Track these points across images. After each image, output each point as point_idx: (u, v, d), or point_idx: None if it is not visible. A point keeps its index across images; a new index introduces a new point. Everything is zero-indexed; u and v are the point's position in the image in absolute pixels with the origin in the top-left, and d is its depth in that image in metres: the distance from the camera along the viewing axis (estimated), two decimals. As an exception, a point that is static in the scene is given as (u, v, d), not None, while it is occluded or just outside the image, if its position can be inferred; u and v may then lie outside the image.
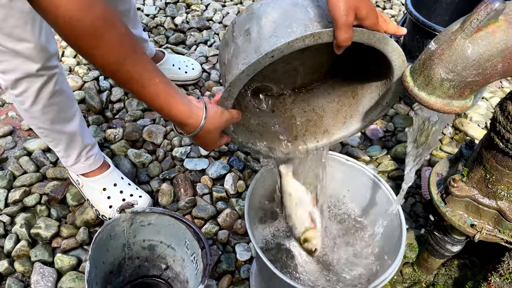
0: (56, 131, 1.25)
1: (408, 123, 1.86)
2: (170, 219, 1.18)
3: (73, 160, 1.34)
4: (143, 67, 0.73)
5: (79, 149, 1.33)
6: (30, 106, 1.17)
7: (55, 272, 1.29)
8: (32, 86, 1.13)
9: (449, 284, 1.35)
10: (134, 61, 0.70)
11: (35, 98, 1.15)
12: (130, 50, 0.70)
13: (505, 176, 0.94)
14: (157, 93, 0.76)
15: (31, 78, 1.10)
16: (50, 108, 1.20)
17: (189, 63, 1.90)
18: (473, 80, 0.64)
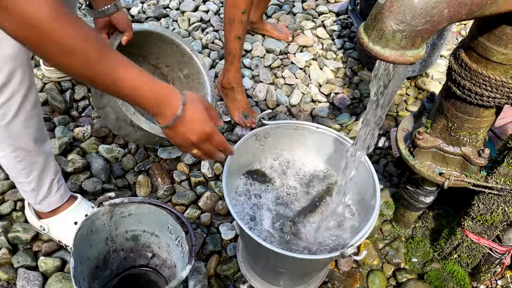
0: (34, 151, 1.13)
1: (373, 88, 1.91)
2: (150, 207, 1.18)
3: (45, 192, 1.22)
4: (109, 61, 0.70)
5: (52, 175, 1.21)
6: (12, 119, 1.02)
7: (40, 275, 1.27)
8: (16, 94, 0.99)
9: (426, 235, 1.41)
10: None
11: (18, 108, 1.01)
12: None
13: (466, 122, 0.99)
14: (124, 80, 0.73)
15: (17, 77, 0.96)
16: (32, 121, 1.07)
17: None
18: (422, 28, 0.66)
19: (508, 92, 0.87)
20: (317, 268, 1.19)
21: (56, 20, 0.62)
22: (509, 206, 1.07)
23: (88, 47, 0.67)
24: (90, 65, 0.68)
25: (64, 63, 0.67)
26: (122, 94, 0.75)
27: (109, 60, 0.71)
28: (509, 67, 0.84)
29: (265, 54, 2.03)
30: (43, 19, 0.61)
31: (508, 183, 1.02)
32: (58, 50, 0.65)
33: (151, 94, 0.77)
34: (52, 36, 0.63)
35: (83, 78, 0.70)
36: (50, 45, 0.64)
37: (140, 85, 0.75)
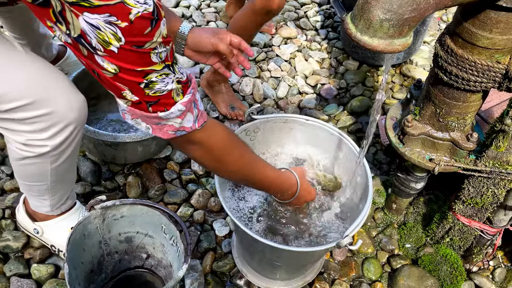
0: (68, 178, 1.13)
1: (360, 77, 1.91)
2: (143, 208, 1.16)
3: (64, 200, 1.20)
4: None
5: (70, 190, 1.20)
6: (64, 162, 1.02)
7: (34, 283, 1.25)
8: (75, 138, 0.99)
9: (418, 221, 1.43)
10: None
11: (73, 150, 1.01)
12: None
13: (454, 108, 0.99)
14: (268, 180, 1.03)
15: (78, 128, 0.98)
16: (76, 155, 1.07)
17: None
18: (409, 16, 0.66)
19: (494, 76, 0.88)
20: (312, 260, 1.20)
21: (229, 152, 0.91)
22: (499, 188, 1.09)
23: (246, 166, 0.97)
24: (245, 176, 0.98)
25: (232, 170, 0.95)
26: (259, 188, 1.09)
27: (256, 170, 0.99)
28: (494, 52, 0.85)
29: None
30: (227, 144, 0.91)
31: (497, 166, 1.04)
32: (234, 165, 0.94)
33: (278, 187, 1.07)
34: (225, 163, 0.92)
35: (238, 178, 1.02)
36: (230, 164, 0.93)
37: (272, 183, 1.05)
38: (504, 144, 0.97)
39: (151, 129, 0.79)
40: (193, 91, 0.78)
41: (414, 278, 1.28)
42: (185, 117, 0.78)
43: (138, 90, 0.71)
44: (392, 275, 1.34)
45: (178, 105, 0.75)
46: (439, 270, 1.31)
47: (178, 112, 0.76)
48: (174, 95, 0.74)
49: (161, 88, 0.71)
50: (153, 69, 0.68)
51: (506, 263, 1.40)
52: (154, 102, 0.73)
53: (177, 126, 0.79)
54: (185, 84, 0.76)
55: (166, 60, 0.70)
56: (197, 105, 0.80)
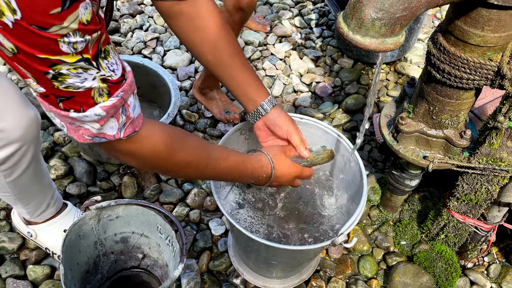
0: (38, 189, 1.12)
1: (354, 75, 1.92)
2: (138, 208, 1.16)
3: (41, 211, 1.20)
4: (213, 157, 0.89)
5: (51, 196, 1.19)
6: (19, 177, 1.00)
7: (30, 284, 1.25)
8: (25, 156, 0.96)
9: (413, 218, 1.43)
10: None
11: (27, 166, 0.99)
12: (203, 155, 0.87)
13: (447, 105, 1.00)
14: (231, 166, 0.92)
15: (25, 147, 0.95)
16: (38, 168, 1.05)
17: None
18: (401, 15, 0.67)
19: (486, 74, 0.88)
20: (308, 258, 1.20)
21: (172, 151, 0.79)
22: (492, 185, 1.10)
23: (198, 158, 0.85)
24: (201, 170, 0.87)
25: (181, 176, 0.94)
26: (225, 179, 1.03)
27: (213, 161, 0.88)
28: (486, 49, 0.86)
29: (244, 47, 2.02)
30: (163, 159, 0.79)
31: (490, 162, 1.04)
32: (176, 170, 0.85)
33: (249, 174, 0.96)
34: (169, 165, 0.81)
35: (195, 179, 0.97)
36: (171, 170, 0.85)
37: (240, 171, 0.94)
38: (497, 141, 0.98)
39: (66, 128, 0.66)
40: (122, 94, 0.64)
41: (410, 275, 1.29)
42: (106, 124, 0.65)
43: (43, 80, 0.58)
44: (388, 272, 1.35)
45: (96, 109, 0.62)
46: (434, 267, 1.31)
47: (95, 117, 0.63)
48: (95, 95, 0.61)
49: (75, 84, 0.58)
50: (63, 60, 0.55)
51: (501, 259, 1.41)
52: (66, 98, 0.60)
53: (95, 132, 0.65)
54: (115, 84, 0.63)
55: (84, 51, 0.56)
56: (127, 111, 0.66)
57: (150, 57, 1.94)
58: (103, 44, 0.60)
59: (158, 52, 1.96)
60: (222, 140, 1.13)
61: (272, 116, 1.02)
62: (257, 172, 0.97)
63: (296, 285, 1.30)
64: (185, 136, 0.85)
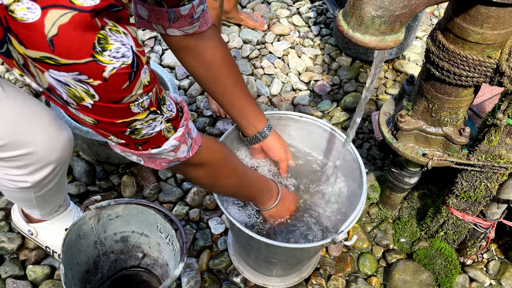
0: (58, 197, 1.15)
1: (353, 73, 1.92)
2: (138, 207, 1.16)
3: (56, 209, 1.21)
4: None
5: (66, 196, 1.22)
6: (48, 191, 1.04)
7: (30, 284, 1.25)
8: (58, 174, 1.01)
9: (413, 215, 1.44)
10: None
11: (57, 182, 1.03)
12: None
13: (446, 103, 1.00)
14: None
15: (60, 166, 0.99)
16: (62, 180, 1.08)
17: None
18: (401, 12, 0.67)
19: (485, 71, 0.88)
20: (308, 256, 1.21)
21: (224, 156, 0.91)
22: (491, 182, 1.10)
23: (237, 163, 0.97)
24: (239, 177, 0.98)
25: (225, 187, 0.97)
26: (246, 195, 1.07)
27: (248, 182, 1.02)
28: (485, 46, 0.86)
29: (243, 45, 2.01)
30: (221, 162, 0.91)
31: (489, 160, 1.05)
32: (229, 175, 0.94)
33: (261, 197, 1.07)
34: (225, 170, 0.92)
35: (232, 190, 1.01)
36: (225, 176, 0.93)
37: (258, 194, 1.06)
38: (496, 138, 0.98)
39: (143, 161, 0.75)
40: (186, 122, 0.74)
41: (409, 272, 1.29)
42: (179, 150, 0.74)
43: (123, 136, 0.67)
44: (388, 270, 1.35)
45: (171, 141, 0.71)
46: (433, 264, 1.32)
47: (172, 147, 0.72)
48: (164, 133, 0.70)
49: (148, 132, 0.67)
50: (136, 118, 0.64)
51: (500, 255, 1.41)
52: (143, 143, 0.70)
53: (171, 158, 0.75)
54: (176, 119, 0.72)
55: (150, 106, 0.64)
56: (191, 134, 0.77)
57: (149, 56, 1.94)
58: (159, 93, 0.68)
59: (156, 51, 1.96)
60: (223, 138, 1.13)
61: (269, 143, 1.14)
62: (265, 197, 1.08)
63: (296, 283, 1.30)
64: (226, 146, 1.00)
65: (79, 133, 1.38)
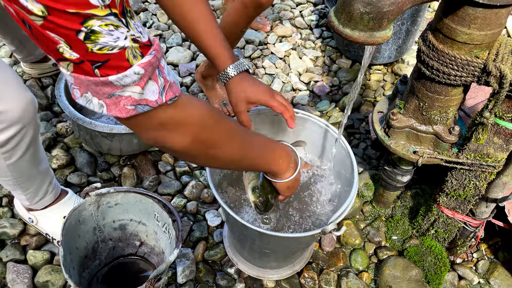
0: (35, 174, 1.16)
1: (352, 75, 1.96)
2: (136, 196, 1.20)
3: (39, 197, 1.25)
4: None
5: (48, 182, 1.24)
6: (18, 160, 1.04)
7: (30, 268, 1.29)
8: (24, 138, 1.00)
9: (405, 214, 1.47)
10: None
11: (26, 149, 1.03)
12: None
13: (436, 101, 1.03)
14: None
15: (25, 129, 0.99)
16: (36, 152, 1.09)
17: None
18: (388, 9, 0.70)
19: (473, 70, 0.92)
20: (301, 247, 1.24)
21: (218, 118, 0.75)
22: (480, 181, 1.13)
23: (238, 128, 0.82)
24: (244, 144, 0.83)
25: (221, 156, 0.79)
26: (255, 162, 0.91)
27: (250, 136, 0.87)
28: (473, 47, 0.89)
29: (245, 45, 2.06)
30: (211, 127, 0.74)
31: (478, 158, 1.08)
32: (223, 142, 0.77)
33: (278, 163, 0.94)
34: (217, 134, 0.75)
35: (229, 160, 0.83)
36: (217, 141, 0.76)
37: (271, 161, 0.93)
38: (483, 136, 1.01)
39: (105, 106, 0.63)
40: (155, 53, 0.61)
41: (399, 268, 1.32)
42: (147, 86, 0.62)
43: (76, 42, 0.55)
44: (379, 266, 1.38)
45: (134, 67, 0.59)
46: (423, 261, 1.35)
47: (135, 76, 0.60)
48: (129, 56, 0.58)
49: (108, 43, 0.56)
50: (93, 13, 0.54)
51: (490, 255, 1.44)
52: (102, 63, 0.58)
53: (137, 97, 0.62)
54: (145, 46, 0.60)
55: (112, 5, 0.54)
56: (163, 73, 0.64)
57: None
58: (127, 4, 0.58)
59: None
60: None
61: (231, 85, 1.02)
62: (283, 165, 0.96)
63: (289, 275, 1.33)
64: (222, 115, 0.81)
65: (83, 124, 1.42)
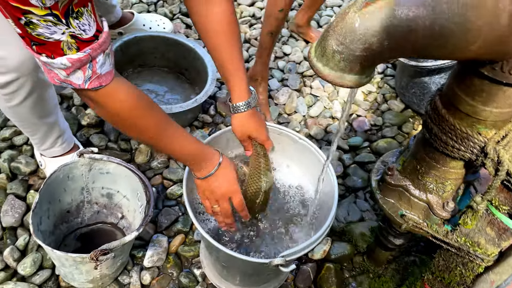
0: (38, 123, 1.25)
1: (399, 120, 1.84)
2: (126, 171, 1.25)
3: (48, 145, 1.35)
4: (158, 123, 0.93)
5: (56, 136, 1.34)
6: (18, 105, 1.13)
7: (25, 206, 1.40)
8: (23, 87, 1.09)
9: (395, 279, 1.35)
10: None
11: (25, 97, 1.12)
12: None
13: (432, 169, 0.94)
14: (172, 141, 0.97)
15: (23, 79, 1.07)
16: (39, 105, 1.18)
17: (160, 22, 1.94)
18: (361, 54, 0.65)
19: (472, 147, 0.82)
20: (262, 273, 1.20)
21: (133, 114, 0.87)
22: (467, 270, 1.00)
23: (155, 129, 0.92)
24: (155, 141, 0.94)
25: (137, 138, 0.98)
26: (175, 157, 1.07)
27: (168, 139, 0.95)
28: (476, 121, 0.79)
29: (302, 61, 2.03)
30: (123, 118, 0.87)
31: (468, 244, 0.96)
32: (133, 132, 0.93)
33: (196, 157, 1.01)
34: (127, 125, 0.90)
35: (147, 145, 1.00)
36: (128, 130, 0.92)
37: (189, 152, 1.00)
38: (472, 222, 0.90)
39: (42, 67, 0.76)
40: (90, 51, 0.72)
41: (362, 332, 1.22)
42: (72, 74, 0.73)
43: (18, 24, 0.66)
44: (345, 322, 1.29)
45: (62, 59, 0.70)
46: (392, 334, 1.23)
47: (62, 66, 0.71)
48: (64, 47, 0.69)
49: (45, 33, 0.66)
50: (32, 11, 0.62)
51: None
52: (39, 44, 0.68)
53: (62, 78, 0.75)
54: (84, 42, 0.70)
55: (53, 8, 0.63)
56: (94, 66, 0.74)
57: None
58: (76, 6, 0.67)
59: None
60: (213, 136, 1.17)
61: (237, 119, 1.10)
62: (202, 159, 1.02)
63: (248, 298, 1.29)
64: (151, 105, 0.92)
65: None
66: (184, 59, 1.77)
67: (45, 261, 1.29)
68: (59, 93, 1.73)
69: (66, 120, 1.43)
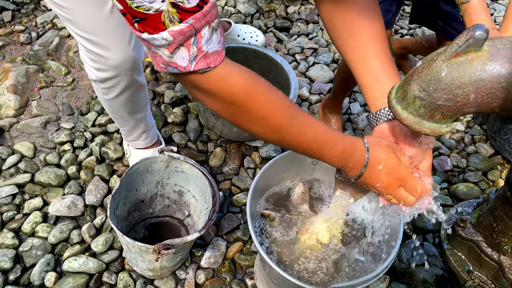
0: (127, 117, 1.37)
1: (485, 165, 1.72)
2: (199, 173, 1.32)
3: (133, 138, 1.48)
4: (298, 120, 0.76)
5: (141, 131, 1.46)
6: (113, 99, 1.25)
7: (107, 188, 1.54)
8: (119, 84, 1.19)
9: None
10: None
11: (119, 93, 1.23)
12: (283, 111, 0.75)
13: (509, 229, 0.87)
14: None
15: (120, 77, 1.17)
16: (130, 102, 1.29)
17: (254, 34, 2.02)
18: (443, 104, 0.63)
19: (558, 216, 0.75)
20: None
21: (252, 97, 0.71)
22: None
23: (281, 113, 0.74)
24: (283, 129, 0.75)
25: (258, 131, 0.75)
26: (306, 151, 0.80)
27: (299, 123, 0.76)
28: None
29: (389, 89, 1.98)
30: (240, 103, 0.71)
31: (539, 319, 0.87)
32: (253, 120, 0.74)
33: (336, 152, 0.79)
34: (247, 113, 0.72)
35: (272, 141, 0.79)
36: (247, 119, 0.74)
37: (328, 147, 0.78)
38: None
39: (149, 54, 0.68)
40: (192, 21, 0.61)
41: None
42: (176, 52, 0.64)
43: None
44: None
45: (164, 33, 0.61)
46: None
47: (163, 41, 0.62)
48: (165, 20, 0.60)
49: (144, 4, 0.59)
50: None
51: None
52: (141, 19, 0.61)
53: (166, 59, 0.65)
54: (187, 12, 0.60)
55: None
56: (199, 42, 0.63)
57: (299, 62, 2.07)
58: None
59: (308, 61, 2.07)
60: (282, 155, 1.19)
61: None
62: (346, 155, 0.80)
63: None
64: (270, 86, 0.75)
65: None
66: (270, 73, 1.82)
67: (116, 242, 1.41)
68: (153, 90, 1.87)
69: (154, 116, 1.55)
